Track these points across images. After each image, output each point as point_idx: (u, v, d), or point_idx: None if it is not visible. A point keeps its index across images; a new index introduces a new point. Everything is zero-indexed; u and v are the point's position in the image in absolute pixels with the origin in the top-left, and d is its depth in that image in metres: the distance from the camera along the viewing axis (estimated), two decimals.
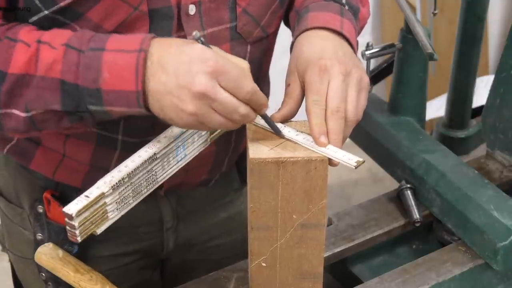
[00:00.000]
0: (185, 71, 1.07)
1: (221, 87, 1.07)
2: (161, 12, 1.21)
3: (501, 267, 1.41)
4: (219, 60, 1.07)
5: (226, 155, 1.47)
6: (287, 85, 1.22)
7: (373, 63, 1.61)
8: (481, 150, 1.72)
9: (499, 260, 1.40)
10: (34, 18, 1.18)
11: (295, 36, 1.28)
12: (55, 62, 1.11)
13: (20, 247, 1.52)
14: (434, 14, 1.66)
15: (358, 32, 1.36)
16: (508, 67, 1.53)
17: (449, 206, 1.48)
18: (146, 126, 1.32)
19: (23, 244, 1.49)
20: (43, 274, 1.45)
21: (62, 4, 1.15)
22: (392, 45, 1.60)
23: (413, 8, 1.65)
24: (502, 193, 1.47)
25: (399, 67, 1.62)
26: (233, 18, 1.29)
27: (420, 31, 1.52)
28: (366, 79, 1.22)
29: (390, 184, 1.64)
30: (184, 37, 1.25)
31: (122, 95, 1.10)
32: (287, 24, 1.47)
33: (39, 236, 1.42)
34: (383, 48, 1.60)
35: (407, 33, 1.57)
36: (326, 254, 1.44)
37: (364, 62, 1.60)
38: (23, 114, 1.15)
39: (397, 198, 1.55)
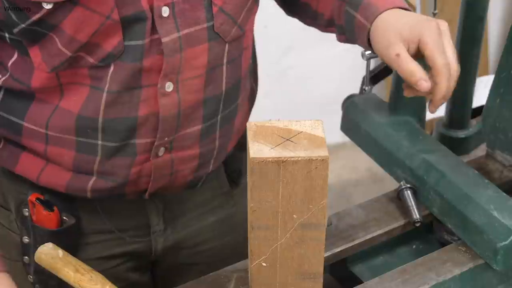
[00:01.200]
0: None
1: None
2: (134, 17, 1.23)
3: (501, 267, 1.41)
4: None
5: (212, 157, 1.47)
6: (396, 55, 1.24)
7: (373, 63, 1.61)
8: (481, 150, 1.72)
9: (499, 260, 1.40)
10: (16, 29, 1.22)
11: (370, 23, 1.31)
12: None
13: (8, 249, 1.51)
14: (434, 14, 1.66)
15: None
16: (508, 67, 1.53)
17: (449, 206, 1.47)
18: (126, 129, 1.32)
19: (11, 246, 1.49)
20: (31, 277, 1.45)
21: (33, 18, 1.19)
22: None
23: (413, 8, 1.65)
24: (502, 193, 1.47)
25: None
26: (210, 18, 1.29)
27: None
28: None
29: (390, 184, 1.64)
30: (159, 39, 1.26)
31: None
32: (293, 13, 1.48)
33: (25, 239, 1.42)
34: None
35: None
36: (326, 254, 1.44)
37: (364, 62, 1.60)
38: None
39: (397, 198, 1.55)
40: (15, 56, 1.29)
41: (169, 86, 1.31)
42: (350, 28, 1.36)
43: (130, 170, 1.37)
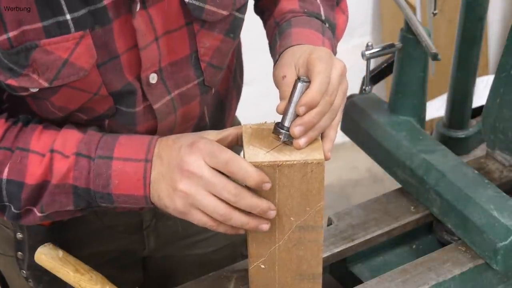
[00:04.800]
0: (176, 156, 1.15)
1: (210, 167, 1.13)
2: (123, 90, 1.23)
3: (501, 267, 1.41)
4: (207, 144, 1.14)
5: None
6: (282, 77, 1.22)
7: (373, 63, 1.61)
8: (481, 150, 1.72)
9: (499, 260, 1.40)
10: (9, 92, 1.22)
11: (279, 53, 1.29)
12: (69, 171, 1.19)
13: (1, 245, 1.52)
14: (434, 14, 1.66)
15: (335, 47, 1.38)
16: (508, 67, 1.53)
17: (449, 206, 1.48)
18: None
19: (4, 241, 1.50)
20: (24, 272, 1.45)
21: (22, 94, 1.19)
22: (392, 45, 1.60)
23: (413, 8, 1.65)
24: (502, 193, 1.47)
25: (399, 67, 1.62)
26: (199, 74, 1.30)
27: (422, 31, 1.52)
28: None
29: (390, 184, 1.64)
30: (150, 106, 1.27)
31: (132, 197, 1.19)
32: (258, 12, 1.48)
33: (19, 235, 1.42)
34: (383, 48, 1.59)
35: (407, 33, 1.57)
36: (326, 254, 1.44)
37: (364, 62, 1.60)
38: (39, 214, 1.23)
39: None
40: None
41: None
42: (273, 52, 1.37)
43: None
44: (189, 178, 1.13)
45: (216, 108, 1.44)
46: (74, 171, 1.19)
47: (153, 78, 1.24)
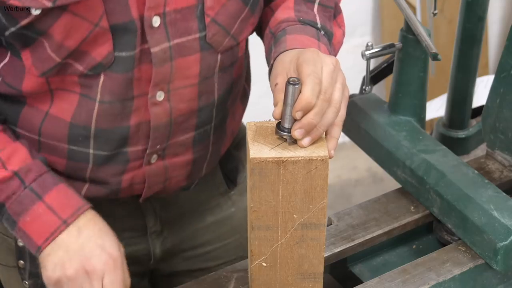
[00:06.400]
0: (86, 248, 1.27)
1: None
2: (123, 26, 1.22)
3: (501, 267, 1.41)
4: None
5: (205, 161, 1.47)
6: (274, 85, 1.22)
7: (373, 63, 1.61)
8: (481, 150, 1.72)
9: (499, 260, 1.40)
10: (7, 33, 1.23)
11: (274, 58, 1.29)
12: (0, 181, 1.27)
13: (3, 256, 1.52)
14: (434, 14, 1.66)
15: (332, 54, 1.37)
16: (508, 67, 1.53)
17: (449, 206, 1.48)
18: (118, 138, 1.33)
19: (6, 252, 1.49)
20: (26, 282, 1.44)
21: (22, 23, 1.19)
22: (392, 45, 1.60)
23: (413, 8, 1.65)
24: (502, 193, 1.47)
25: (399, 67, 1.62)
26: (202, 28, 1.29)
27: (422, 31, 1.52)
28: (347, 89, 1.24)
29: (390, 184, 1.64)
30: (148, 50, 1.26)
31: (29, 239, 1.27)
32: (260, 35, 1.47)
33: (20, 242, 1.42)
34: (383, 48, 1.59)
35: (407, 33, 1.57)
36: (326, 254, 1.44)
37: (364, 62, 1.60)
38: None
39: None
40: (7, 59, 1.29)
41: (160, 95, 1.31)
42: (268, 57, 1.37)
43: (122, 177, 1.38)
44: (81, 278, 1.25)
45: (226, 89, 1.42)
46: (3, 184, 1.25)
47: (156, 21, 1.24)
